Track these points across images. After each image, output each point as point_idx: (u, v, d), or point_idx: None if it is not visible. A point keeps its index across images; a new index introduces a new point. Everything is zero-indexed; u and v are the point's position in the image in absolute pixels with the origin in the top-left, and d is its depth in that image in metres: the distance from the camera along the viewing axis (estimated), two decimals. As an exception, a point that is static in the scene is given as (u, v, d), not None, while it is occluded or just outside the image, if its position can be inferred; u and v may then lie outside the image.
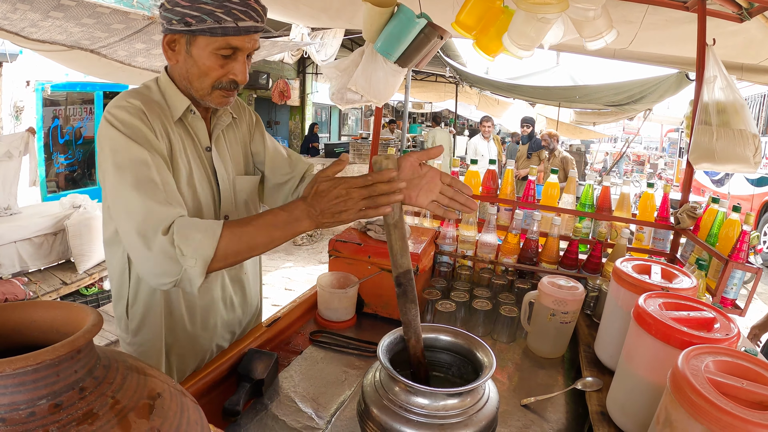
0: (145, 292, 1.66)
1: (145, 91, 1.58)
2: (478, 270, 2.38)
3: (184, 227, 1.35)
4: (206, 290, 1.76)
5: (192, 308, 1.74)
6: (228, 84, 1.55)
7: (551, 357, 1.90)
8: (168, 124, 1.56)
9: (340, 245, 2.09)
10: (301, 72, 15.66)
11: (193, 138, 1.65)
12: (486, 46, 2.57)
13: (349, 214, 1.32)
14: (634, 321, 1.33)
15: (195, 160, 1.64)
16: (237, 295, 1.90)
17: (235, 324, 1.92)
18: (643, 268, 1.69)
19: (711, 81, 2.50)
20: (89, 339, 0.75)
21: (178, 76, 1.58)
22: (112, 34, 4.81)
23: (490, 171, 2.65)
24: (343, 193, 1.29)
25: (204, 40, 1.47)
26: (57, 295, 5.13)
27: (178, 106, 1.59)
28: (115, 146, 1.41)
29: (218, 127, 1.73)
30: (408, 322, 1.28)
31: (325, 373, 1.68)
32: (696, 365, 1.02)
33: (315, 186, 1.34)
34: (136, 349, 1.73)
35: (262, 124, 1.97)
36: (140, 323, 1.70)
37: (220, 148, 1.75)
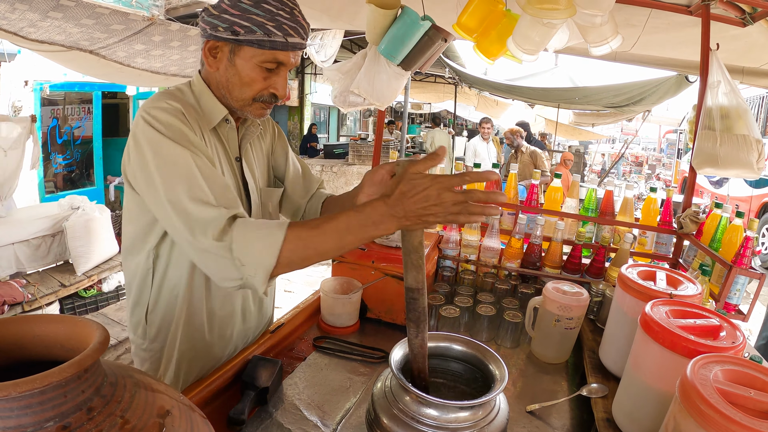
0: (166, 299, 1.64)
1: (180, 95, 1.54)
2: (482, 274, 2.37)
3: (244, 234, 1.29)
4: (227, 301, 1.73)
5: (212, 318, 1.71)
6: (269, 97, 1.54)
7: (555, 362, 1.90)
8: (204, 130, 1.53)
9: (343, 250, 2.08)
10: (300, 72, 15.64)
11: (226, 148, 1.63)
12: (486, 49, 2.56)
13: (436, 218, 1.16)
14: (641, 329, 1.33)
15: (227, 169, 1.62)
16: (255, 305, 1.88)
17: (248, 334, 1.90)
18: (648, 275, 1.68)
19: (715, 86, 2.50)
20: (97, 358, 0.74)
21: (216, 84, 1.56)
22: (112, 35, 4.79)
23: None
24: (434, 195, 1.13)
25: (250, 51, 1.45)
26: (55, 297, 5.11)
27: (215, 114, 1.57)
28: (156, 149, 1.37)
29: (247, 138, 1.72)
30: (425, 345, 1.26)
31: (330, 380, 1.67)
32: (704, 375, 1.02)
33: (401, 184, 1.16)
34: (151, 355, 1.71)
35: (285, 137, 1.97)
36: (158, 329, 1.67)
37: (248, 159, 1.73)
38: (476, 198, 1.14)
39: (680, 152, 18.33)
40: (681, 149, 18.57)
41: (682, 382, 1.02)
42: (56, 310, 5.23)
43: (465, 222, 1.20)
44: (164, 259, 1.60)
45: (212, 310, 1.70)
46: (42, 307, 4.93)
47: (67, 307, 5.37)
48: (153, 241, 1.57)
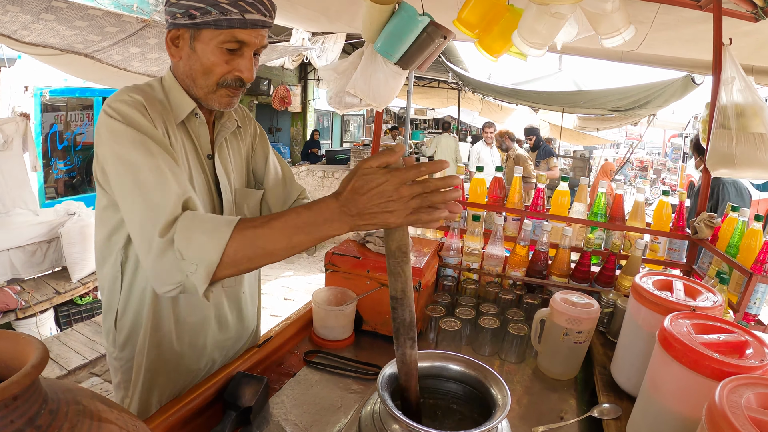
0: (135, 304, 1.55)
1: (148, 89, 1.47)
2: (485, 284, 2.25)
3: (188, 226, 1.20)
4: (198, 307, 1.63)
5: (181, 325, 1.61)
6: (233, 81, 1.46)
7: (563, 378, 1.78)
8: (170, 125, 1.45)
9: (337, 259, 1.96)
10: (303, 78, 15.61)
11: (195, 144, 1.55)
12: (489, 46, 2.46)
13: (396, 217, 1.04)
14: (659, 346, 1.21)
15: (196, 167, 1.54)
16: (232, 313, 1.77)
17: (228, 345, 1.79)
18: (665, 284, 1.57)
19: (729, 82, 2.39)
20: (27, 384, 0.64)
21: (182, 75, 1.49)
22: (106, 38, 4.72)
23: (496, 179, 2.52)
24: (390, 190, 1.02)
25: (209, 34, 1.39)
26: (50, 304, 5.08)
27: (182, 108, 1.49)
28: (115, 138, 1.31)
29: (221, 135, 1.63)
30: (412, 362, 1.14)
31: (320, 398, 1.55)
32: (735, 401, 0.89)
33: (353, 180, 1.06)
34: (122, 365, 1.63)
35: (267, 139, 1.87)
36: (127, 337, 1.59)
37: (223, 157, 1.64)
38: (433, 186, 1.04)
39: (685, 156, 18.21)
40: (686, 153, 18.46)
41: (711, 409, 0.89)
42: (51, 317, 5.21)
43: (428, 221, 1.06)
44: (132, 261, 1.52)
45: (180, 316, 1.60)
46: (36, 314, 4.88)
47: (62, 315, 5.34)
48: (120, 242, 1.50)
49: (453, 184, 1.05)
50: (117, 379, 1.67)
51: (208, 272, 1.16)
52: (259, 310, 1.98)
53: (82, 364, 4.34)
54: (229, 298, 1.73)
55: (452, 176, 1.06)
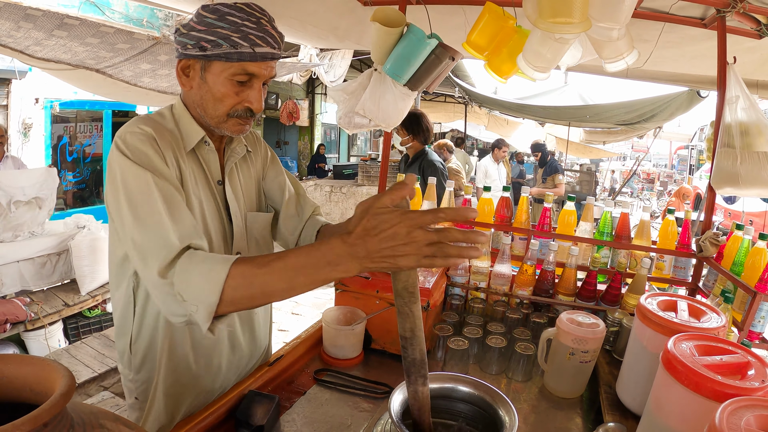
0: (149, 328, 1.58)
1: (159, 119, 1.51)
2: (492, 303, 2.27)
3: (186, 269, 1.22)
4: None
5: (197, 348, 1.64)
6: (243, 112, 1.49)
7: (569, 397, 1.79)
8: (179, 154, 1.48)
9: (346, 279, 1.98)
10: (310, 92, 15.67)
11: (205, 171, 1.58)
12: (498, 68, 2.49)
13: (407, 261, 1.00)
14: (663, 368, 1.23)
15: (206, 194, 1.57)
16: (245, 335, 1.80)
17: (241, 365, 1.81)
18: (669, 305, 1.58)
19: (733, 101, 2.41)
20: (56, 412, 0.66)
21: (192, 104, 1.52)
22: (117, 54, 4.77)
23: (504, 198, 2.54)
24: (403, 233, 0.98)
25: (219, 66, 1.41)
26: (59, 316, 5.07)
27: (192, 137, 1.52)
28: (123, 174, 1.33)
29: (231, 160, 1.66)
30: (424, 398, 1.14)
31: (330, 416, 1.57)
32: (735, 423, 0.91)
33: (363, 220, 1.03)
34: (138, 387, 1.65)
35: (278, 162, 1.89)
36: (143, 360, 1.62)
37: (233, 182, 1.67)
38: (452, 238, 1.00)
39: (692, 168, 18.19)
40: (693, 165, 18.43)
41: (711, 431, 0.92)
42: (60, 329, 5.20)
43: (441, 266, 1.03)
44: (143, 288, 1.54)
45: (196, 339, 1.63)
46: (45, 326, 4.89)
47: (71, 327, 5.33)
48: (131, 269, 1.53)
49: (477, 240, 1.00)
50: (131, 400, 1.69)
51: (208, 312, 1.18)
52: (270, 329, 2.00)
53: (91, 377, 4.34)
54: (241, 318, 1.76)
55: (476, 232, 1.01)
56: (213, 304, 1.17)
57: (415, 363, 1.10)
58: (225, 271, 1.17)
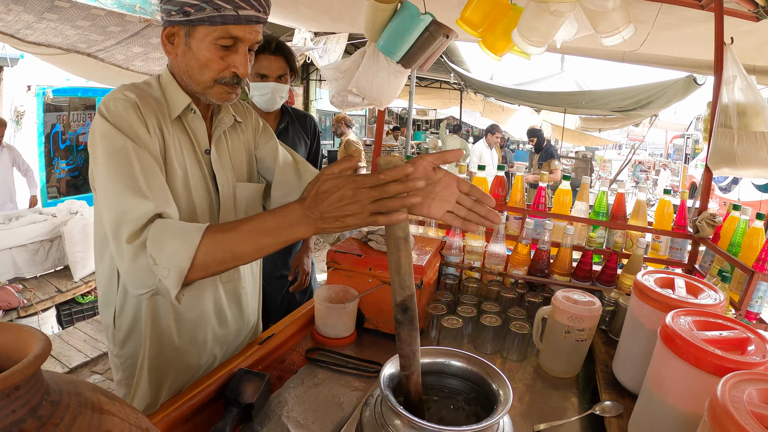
0: (133, 300, 1.56)
1: (145, 87, 1.48)
2: (486, 282, 2.24)
3: (161, 232, 1.22)
4: (197, 302, 1.63)
5: (180, 321, 1.61)
6: (230, 78, 1.46)
7: (565, 376, 1.77)
8: (164, 122, 1.45)
9: (339, 257, 1.96)
10: (305, 79, 15.57)
11: (191, 139, 1.55)
12: (492, 45, 2.46)
13: (355, 219, 1.12)
14: (661, 342, 1.20)
15: (192, 162, 1.53)
16: (231, 309, 1.76)
17: (228, 341, 1.79)
18: (666, 282, 1.56)
19: (730, 81, 2.38)
20: (29, 374, 0.64)
21: (179, 72, 1.49)
22: (109, 37, 4.73)
23: (498, 177, 2.52)
24: (349, 194, 1.10)
25: (203, 31, 1.39)
26: (52, 302, 5.07)
27: (178, 104, 1.49)
28: (103, 138, 1.32)
29: (219, 129, 1.62)
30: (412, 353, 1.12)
31: (321, 396, 1.55)
32: (737, 396, 0.89)
33: (316, 185, 1.15)
34: (123, 362, 1.64)
35: (271, 132, 1.86)
36: (127, 334, 1.60)
37: (221, 151, 1.63)
38: (393, 191, 1.09)
39: (687, 157, 18.17)
40: (688, 154, 18.41)
41: (713, 404, 0.89)
42: (53, 315, 5.20)
43: (386, 222, 1.10)
44: None
45: (179, 312, 1.60)
46: (38, 312, 4.89)
47: (64, 313, 5.33)
48: None
49: (414, 187, 1.09)
50: (118, 376, 1.67)
51: (179, 276, 1.18)
52: (259, 305, 1.98)
53: (83, 362, 4.34)
54: (227, 292, 1.73)
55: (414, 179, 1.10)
56: (185, 268, 1.18)
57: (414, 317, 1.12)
58: (199, 235, 1.20)
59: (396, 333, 1.11)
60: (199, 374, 1.69)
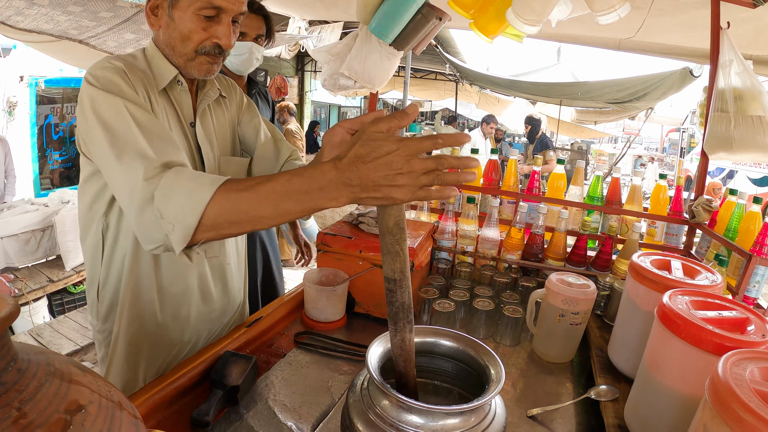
0: (116, 273, 1.53)
1: (130, 59, 1.46)
2: (479, 267, 2.21)
3: (170, 184, 1.15)
4: (181, 276, 1.60)
5: (163, 295, 1.58)
6: (212, 48, 1.44)
7: (559, 361, 1.74)
8: (152, 92, 1.43)
9: (329, 239, 1.92)
10: (300, 70, 15.51)
11: (177, 112, 1.52)
12: (484, 27, 2.41)
13: (403, 193, 0.93)
14: (659, 322, 1.17)
15: (178, 134, 1.51)
16: (216, 285, 1.73)
17: (213, 318, 1.75)
18: (662, 264, 1.53)
19: (727, 66, 2.35)
20: None
21: (162, 44, 1.47)
22: (100, 23, 4.68)
23: (492, 161, 2.48)
24: (400, 161, 0.91)
25: (186, 1, 1.38)
26: (43, 292, 5.03)
27: (164, 75, 1.47)
28: (93, 104, 1.28)
29: (204, 103, 1.60)
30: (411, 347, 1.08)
31: (310, 379, 1.52)
32: (739, 374, 0.86)
33: (357, 145, 0.94)
34: (105, 338, 1.61)
35: (255, 109, 1.84)
36: (109, 308, 1.57)
37: (206, 125, 1.61)
38: (449, 164, 0.93)
39: (683, 151, 18.21)
40: (684, 148, 18.45)
41: (714, 383, 0.86)
42: (44, 305, 5.16)
43: (437, 198, 0.97)
44: (113, 228, 1.50)
45: (162, 285, 1.57)
46: (29, 302, 4.84)
47: (56, 303, 5.29)
48: (101, 209, 1.47)
49: (471, 165, 0.94)
50: (101, 353, 1.65)
51: (185, 234, 1.11)
52: (245, 284, 1.94)
53: (74, 350, 4.31)
54: (213, 268, 1.70)
55: (470, 157, 0.94)
56: (191, 225, 1.10)
57: (403, 307, 1.03)
58: (210, 191, 1.10)
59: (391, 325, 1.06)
60: (184, 352, 1.66)
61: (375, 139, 0.92)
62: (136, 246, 1.49)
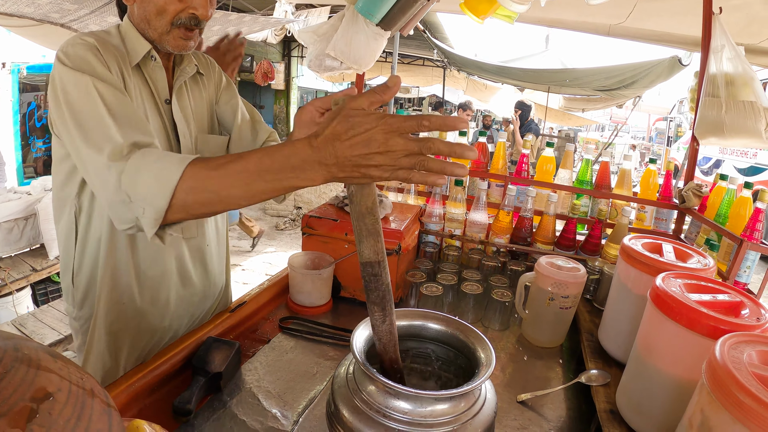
0: (91, 257, 1.48)
1: (103, 34, 1.40)
2: (467, 251, 2.19)
3: (137, 166, 1.11)
4: (158, 259, 1.55)
5: (141, 279, 1.53)
6: (188, 20, 1.38)
7: (549, 346, 1.72)
8: (125, 68, 1.37)
9: (314, 222, 1.88)
10: (287, 55, 15.40)
11: (151, 88, 1.46)
12: (475, 8, 2.37)
13: (381, 172, 0.87)
14: (652, 305, 1.14)
15: (152, 111, 1.46)
16: (196, 267, 1.69)
17: (194, 302, 1.71)
18: (654, 247, 1.50)
19: (718, 50, 2.33)
20: None
21: (137, 19, 1.42)
22: (82, 6, 4.59)
23: (479, 144, 2.45)
24: (379, 140, 0.84)
25: None
26: (26, 282, 4.96)
27: (137, 51, 1.41)
28: (62, 82, 1.23)
29: (180, 79, 1.54)
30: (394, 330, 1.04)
31: (294, 365, 1.48)
32: (737, 357, 0.83)
33: (334, 121, 0.88)
34: (82, 325, 1.56)
35: (234, 88, 1.78)
36: (85, 293, 1.52)
37: (182, 102, 1.55)
38: (436, 149, 0.85)
39: (670, 140, 18.28)
40: (671, 137, 18.52)
41: (712, 366, 0.83)
42: (28, 295, 5.09)
43: (419, 182, 0.88)
44: (86, 210, 1.45)
45: (140, 268, 1.52)
46: (12, 292, 4.77)
47: (40, 292, 5.23)
48: (73, 191, 1.42)
49: (463, 155, 0.86)
50: (78, 341, 1.60)
51: (157, 216, 1.08)
52: (227, 267, 1.90)
53: (57, 339, 4.25)
54: (191, 250, 1.65)
55: (464, 145, 0.85)
56: (162, 207, 1.07)
57: (389, 289, 1.00)
58: (179, 171, 1.06)
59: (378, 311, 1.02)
60: (165, 338, 1.62)
61: (354, 116, 0.87)
62: (112, 228, 1.44)
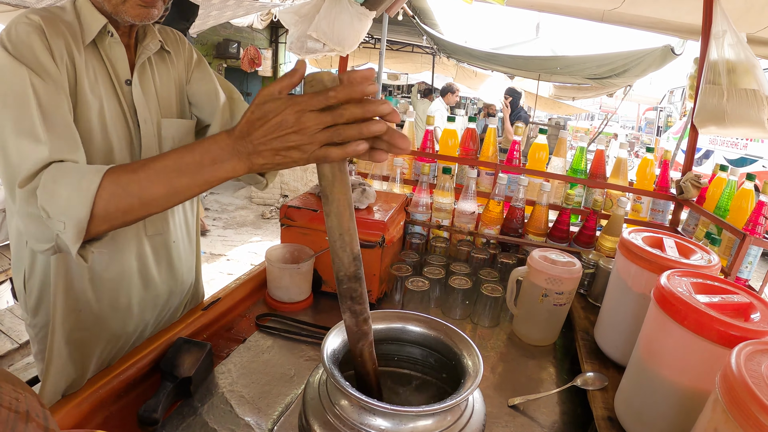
0: (43, 261, 1.36)
1: (56, 10, 1.26)
2: (456, 242, 2.10)
3: (52, 179, 1.01)
4: (116, 260, 1.43)
5: (97, 282, 1.41)
6: None
7: (542, 344, 1.64)
8: (76, 48, 1.24)
9: (293, 212, 1.77)
10: (274, 42, 15.24)
11: (107, 69, 1.33)
12: (466, -13, 2.27)
13: (301, 153, 0.86)
14: (656, 306, 1.05)
15: (108, 94, 1.32)
16: (160, 266, 1.56)
17: (159, 304, 1.59)
18: (654, 242, 1.42)
19: (720, 36, 2.24)
20: None
21: None
22: (61, -10, 4.45)
23: (469, 130, 2.34)
24: (291, 120, 0.84)
25: None
26: (6, 276, 4.83)
27: (92, 27, 1.27)
28: (1, 69, 1.11)
29: (143, 57, 1.40)
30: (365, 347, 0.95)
31: (271, 367, 1.38)
32: (755, 370, 0.74)
33: (249, 110, 0.89)
34: (38, 333, 1.45)
35: (207, 66, 1.63)
36: (38, 299, 1.40)
37: (145, 82, 1.42)
38: (349, 115, 0.82)
39: (659, 130, 18.27)
40: (660, 127, 18.52)
41: (727, 380, 0.74)
42: (8, 289, 4.97)
43: (341, 156, 0.84)
44: None
45: (94, 271, 1.40)
46: (-8, 286, 4.67)
47: (19, 286, 5.10)
48: None
49: (379, 111, 0.83)
50: (35, 349, 1.49)
51: (78, 231, 1.00)
52: (198, 262, 1.78)
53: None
54: (155, 248, 1.52)
55: (376, 101, 0.84)
56: (83, 219, 0.99)
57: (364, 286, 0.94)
58: (97, 180, 0.99)
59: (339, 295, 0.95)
60: (129, 344, 1.51)
61: (265, 102, 0.87)
62: None
